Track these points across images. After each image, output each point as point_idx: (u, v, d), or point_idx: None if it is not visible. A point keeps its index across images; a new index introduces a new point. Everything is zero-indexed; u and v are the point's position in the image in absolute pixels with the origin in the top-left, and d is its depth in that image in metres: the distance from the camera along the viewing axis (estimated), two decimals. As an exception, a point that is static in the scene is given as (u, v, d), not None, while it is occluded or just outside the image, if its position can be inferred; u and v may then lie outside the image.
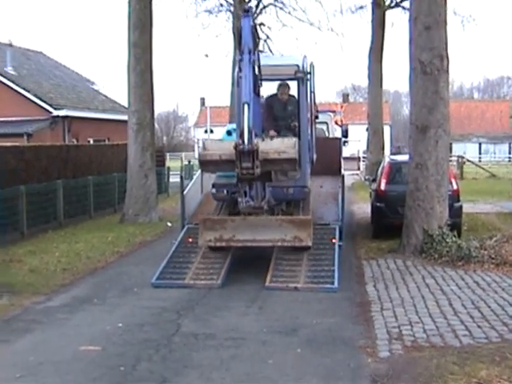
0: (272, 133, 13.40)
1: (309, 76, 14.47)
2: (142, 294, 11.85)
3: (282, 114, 14.43)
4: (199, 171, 15.89)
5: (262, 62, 12.65)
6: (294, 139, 11.79)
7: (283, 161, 11.19)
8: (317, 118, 15.78)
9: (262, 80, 12.87)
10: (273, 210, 13.40)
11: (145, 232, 19.81)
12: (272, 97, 14.65)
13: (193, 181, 16.39)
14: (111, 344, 8.92)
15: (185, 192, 15.15)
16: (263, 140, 11.44)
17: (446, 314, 10.04)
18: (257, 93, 12.52)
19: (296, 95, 14.39)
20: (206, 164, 11.70)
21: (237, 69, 12.06)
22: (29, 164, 21.25)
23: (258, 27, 15.45)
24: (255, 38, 12.12)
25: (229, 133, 14.58)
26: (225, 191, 14.04)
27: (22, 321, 10.26)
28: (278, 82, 14.42)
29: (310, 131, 14.63)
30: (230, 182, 12.84)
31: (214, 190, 14.26)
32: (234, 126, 14.49)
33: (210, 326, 9.68)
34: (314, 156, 15.65)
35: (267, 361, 8.15)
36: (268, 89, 14.59)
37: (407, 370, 7.73)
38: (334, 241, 13.42)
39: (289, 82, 14.40)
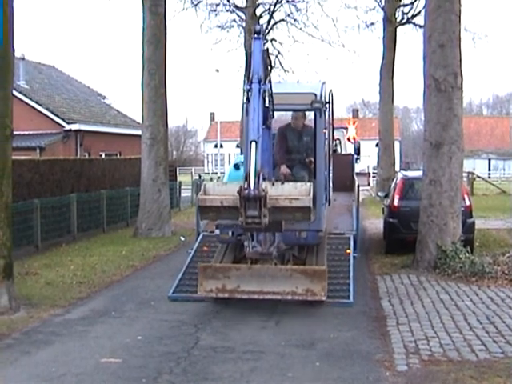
0: (284, 169, 12.85)
1: (327, 106, 13.31)
2: (160, 308, 11.96)
3: (297, 145, 13.37)
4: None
5: (274, 90, 11.37)
6: (309, 184, 10.29)
7: (295, 209, 9.83)
8: (335, 151, 14.87)
9: (274, 110, 11.62)
10: (283, 256, 12.22)
11: (158, 246, 19.93)
12: (286, 127, 13.72)
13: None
14: (132, 356, 9.04)
15: None
16: (273, 184, 10.13)
17: (462, 329, 10.13)
18: (268, 125, 11.26)
19: (312, 126, 13.09)
20: (206, 210, 10.26)
21: (244, 99, 10.73)
22: (43, 177, 21.45)
23: (269, 51, 13.49)
24: (266, 64, 10.76)
25: (236, 166, 13.95)
26: (230, 233, 12.55)
27: (42, 333, 10.37)
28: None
29: (327, 168, 13.38)
30: (236, 222, 11.41)
31: (217, 231, 12.91)
32: (242, 158, 13.80)
33: (228, 340, 9.79)
34: (331, 195, 14.58)
35: (286, 374, 8.26)
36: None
37: (425, 383, 7.83)
38: (348, 251, 13.42)
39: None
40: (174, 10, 48.37)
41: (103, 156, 34.62)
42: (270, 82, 10.94)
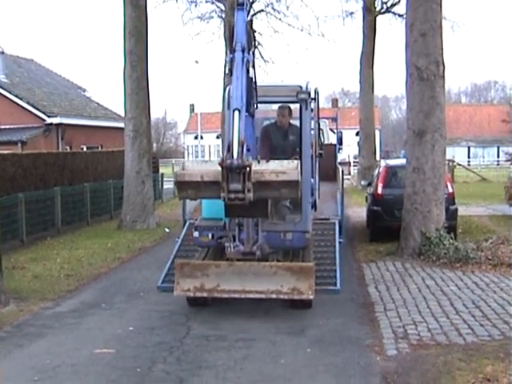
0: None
1: (313, 100, 12.36)
2: (149, 298, 12.05)
3: (282, 144, 12.31)
4: None
5: (259, 85, 10.73)
6: (296, 162, 9.54)
7: (282, 184, 8.91)
8: (321, 155, 13.43)
9: (258, 103, 10.75)
10: (266, 259, 10.98)
11: (143, 238, 19.99)
12: (270, 125, 12.93)
13: None
14: (125, 347, 9.14)
15: None
16: (258, 162, 9.28)
17: (449, 314, 10.32)
18: (251, 113, 10.35)
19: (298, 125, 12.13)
20: (184, 187, 9.24)
21: (226, 70, 10.28)
22: (27, 171, 21.37)
23: (253, 23, 11.86)
24: (250, 36, 10.10)
25: None
26: (210, 235, 11.58)
27: (33, 326, 10.44)
28: (277, 106, 12.64)
29: (312, 167, 12.15)
30: (217, 224, 11.36)
31: (196, 234, 11.79)
32: None
33: (219, 329, 9.90)
34: (317, 198, 13.35)
35: (279, 360, 8.40)
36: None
37: (415, 367, 8.01)
38: (335, 237, 13.33)
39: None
40: (156, 1, 48.11)
41: (84, 149, 34.53)
42: (253, 54, 10.32)
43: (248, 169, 8.61)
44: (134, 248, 18.36)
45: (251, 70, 10.07)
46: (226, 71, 9.45)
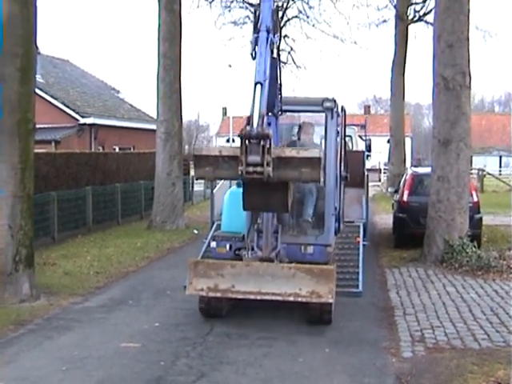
0: None
1: (338, 113, 11.99)
2: (175, 297, 12.38)
3: None
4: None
5: (286, 96, 10.78)
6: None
7: (303, 161, 8.45)
8: (346, 179, 12.79)
9: (282, 111, 10.70)
10: None
11: (172, 239, 20.37)
12: (290, 143, 12.38)
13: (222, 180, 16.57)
14: (150, 341, 9.49)
15: (214, 190, 15.73)
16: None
17: (466, 320, 10.55)
18: (274, 114, 10.25)
19: (323, 137, 11.94)
20: (202, 163, 8.73)
21: (251, 51, 9.56)
22: (60, 170, 21.86)
23: (279, 12, 11.07)
24: (276, 22, 9.94)
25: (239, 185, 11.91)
26: (228, 246, 11.35)
27: (63, 319, 10.84)
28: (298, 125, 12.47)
29: (336, 180, 11.61)
30: (236, 234, 11.25)
31: (213, 244, 11.61)
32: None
33: (241, 327, 10.21)
34: (341, 212, 12.62)
35: (297, 359, 8.69)
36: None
37: (429, 369, 8.26)
38: (358, 239, 13.69)
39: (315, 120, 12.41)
40: (190, 6, 48.62)
41: (117, 150, 35.05)
42: (279, 39, 10.33)
43: (268, 141, 8.32)
44: (163, 248, 18.75)
45: (275, 51, 10.01)
46: (251, 52, 9.50)
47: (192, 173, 37.60)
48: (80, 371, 8.25)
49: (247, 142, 8.34)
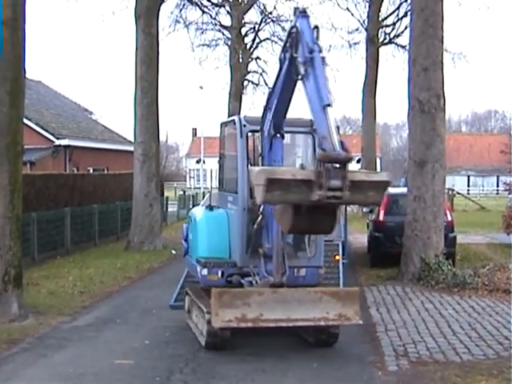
0: None
1: None
2: (161, 315, 12.63)
3: None
4: (208, 195, 15.56)
5: None
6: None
7: (372, 185, 8.15)
8: None
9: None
10: None
11: (151, 259, 20.62)
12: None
13: (204, 199, 16.84)
14: (142, 358, 9.76)
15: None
16: None
17: (446, 335, 10.96)
18: (282, 134, 10.35)
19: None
20: (273, 186, 7.85)
21: (294, 72, 9.12)
22: (39, 192, 21.98)
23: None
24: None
25: (209, 208, 11.61)
26: (219, 273, 10.66)
27: (54, 338, 11.07)
28: None
29: None
30: (227, 261, 10.76)
31: (204, 271, 10.71)
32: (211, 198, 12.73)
33: (230, 343, 10.44)
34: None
35: (287, 373, 9.05)
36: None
37: (414, 381, 8.65)
38: (337, 257, 13.98)
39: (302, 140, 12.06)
40: (163, 29, 48.92)
41: (91, 171, 35.19)
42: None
43: (347, 165, 7.93)
44: (143, 268, 19.00)
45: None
46: (295, 74, 9.05)
47: (166, 193, 38.01)
48: (78, 387, 8.52)
49: (326, 165, 7.85)
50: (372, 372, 9.12)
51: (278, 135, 10.24)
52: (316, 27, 9.25)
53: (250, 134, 11.04)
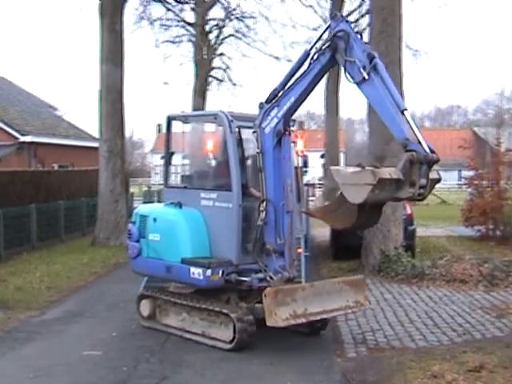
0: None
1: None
2: (128, 308, 12.85)
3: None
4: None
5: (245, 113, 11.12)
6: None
7: (432, 182, 8.81)
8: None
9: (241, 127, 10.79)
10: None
11: (117, 254, 20.76)
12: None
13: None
14: (110, 349, 10.08)
15: None
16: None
17: (403, 323, 11.43)
18: (289, 131, 10.50)
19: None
20: (378, 186, 8.26)
21: (358, 78, 9.23)
22: (4, 188, 22.13)
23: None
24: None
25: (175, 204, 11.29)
26: (220, 272, 10.32)
27: (23, 332, 11.33)
28: None
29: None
30: (225, 260, 10.46)
31: (208, 272, 10.25)
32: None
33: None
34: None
35: (252, 361, 9.43)
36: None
37: (372, 366, 9.09)
38: (300, 250, 14.27)
39: None
40: (128, 26, 48.92)
41: (56, 167, 35.22)
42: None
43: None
44: (109, 263, 19.23)
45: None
46: (352, 78, 9.27)
47: (132, 189, 38.13)
48: (48, 378, 8.83)
49: (417, 165, 8.41)
50: (332, 359, 9.55)
51: (286, 132, 10.26)
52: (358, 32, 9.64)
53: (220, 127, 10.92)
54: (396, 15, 16.43)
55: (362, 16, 37.98)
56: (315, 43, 9.82)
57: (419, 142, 8.64)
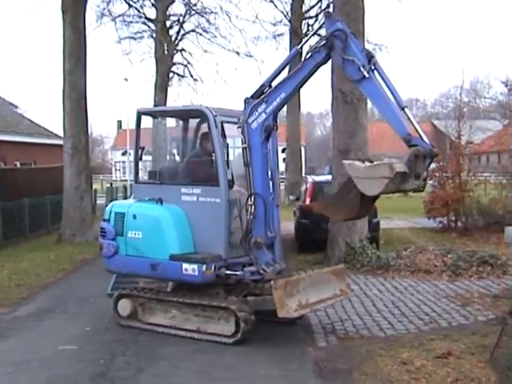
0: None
1: None
2: (99, 304, 12.98)
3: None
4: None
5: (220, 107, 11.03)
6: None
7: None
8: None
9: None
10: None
11: (84, 251, 20.85)
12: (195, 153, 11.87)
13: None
14: (85, 343, 10.23)
15: None
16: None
17: (371, 313, 11.73)
18: (276, 126, 10.70)
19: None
20: (394, 179, 8.63)
21: (361, 76, 9.46)
22: (-32, 187, 22.06)
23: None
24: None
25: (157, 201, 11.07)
26: (213, 267, 10.29)
27: (-4, 328, 11.43)
28: None
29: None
30: (215, 254, 10.42)
31: (203, 268, 10.18)
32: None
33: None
34: None
35: (225, 352, 9.63)
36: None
37: (342, 354, 9.35)
38: None
39: None
40: (90, 23, 48.73)
41: (18, 165, 35.05)
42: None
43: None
44: (76, 260, 19.30)
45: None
46: (350, 75, 9.60)
47: (94, 186, 38.04)
48: (26, 372, 8.95)
49: (421, 159, 8.86)
50: (303, 348, 9.81)
51: (275, 127, 10.46)
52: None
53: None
54: (359, 10, 16.70)
55: (323, 10, 38.24)
56: (305, 42, 10.88)
57: (421, 138, 8.97)
